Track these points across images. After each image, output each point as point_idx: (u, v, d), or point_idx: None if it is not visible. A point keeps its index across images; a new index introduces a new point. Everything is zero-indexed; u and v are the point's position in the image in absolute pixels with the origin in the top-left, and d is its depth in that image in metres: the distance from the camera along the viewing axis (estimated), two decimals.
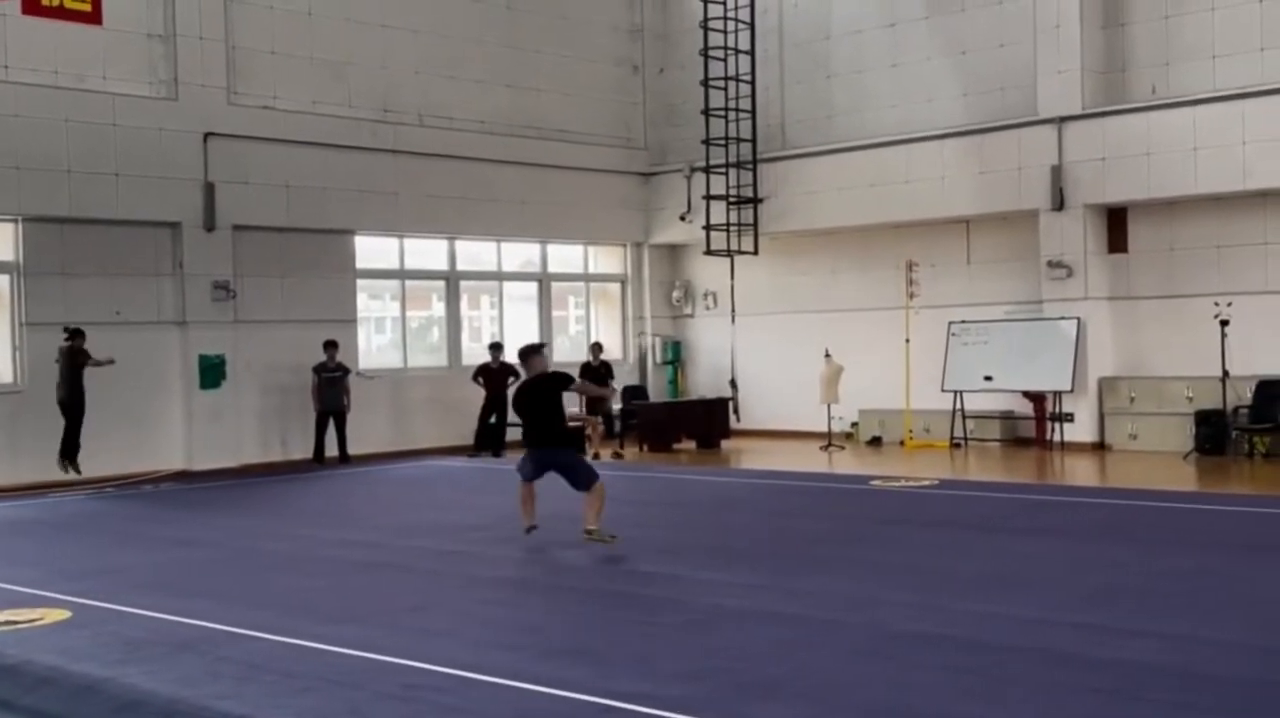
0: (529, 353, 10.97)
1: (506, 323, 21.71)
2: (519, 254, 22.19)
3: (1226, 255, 17.16)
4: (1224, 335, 16.10)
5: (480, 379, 19.22)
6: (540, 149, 21.19)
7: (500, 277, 21.85)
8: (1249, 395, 16.28)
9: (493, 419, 19.28)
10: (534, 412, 10.69)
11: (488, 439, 19.29)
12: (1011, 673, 6.38)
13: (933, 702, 5.94)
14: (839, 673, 6.47)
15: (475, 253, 21.46)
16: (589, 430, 19.01)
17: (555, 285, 22.58)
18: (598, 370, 19.13)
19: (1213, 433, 16.44)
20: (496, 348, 19.56)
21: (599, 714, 5.89)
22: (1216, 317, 16.15)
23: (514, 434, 19.75)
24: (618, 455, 18.86)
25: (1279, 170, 15.94)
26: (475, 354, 20.44)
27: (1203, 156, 16.52)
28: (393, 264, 20.30)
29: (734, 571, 9.45)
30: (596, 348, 19.90)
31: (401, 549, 10.85)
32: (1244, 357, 16.38)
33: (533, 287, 22.25)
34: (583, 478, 10.55)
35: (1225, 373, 16.18)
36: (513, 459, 18.47)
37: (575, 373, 19.27)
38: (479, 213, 20.53)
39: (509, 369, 19.24)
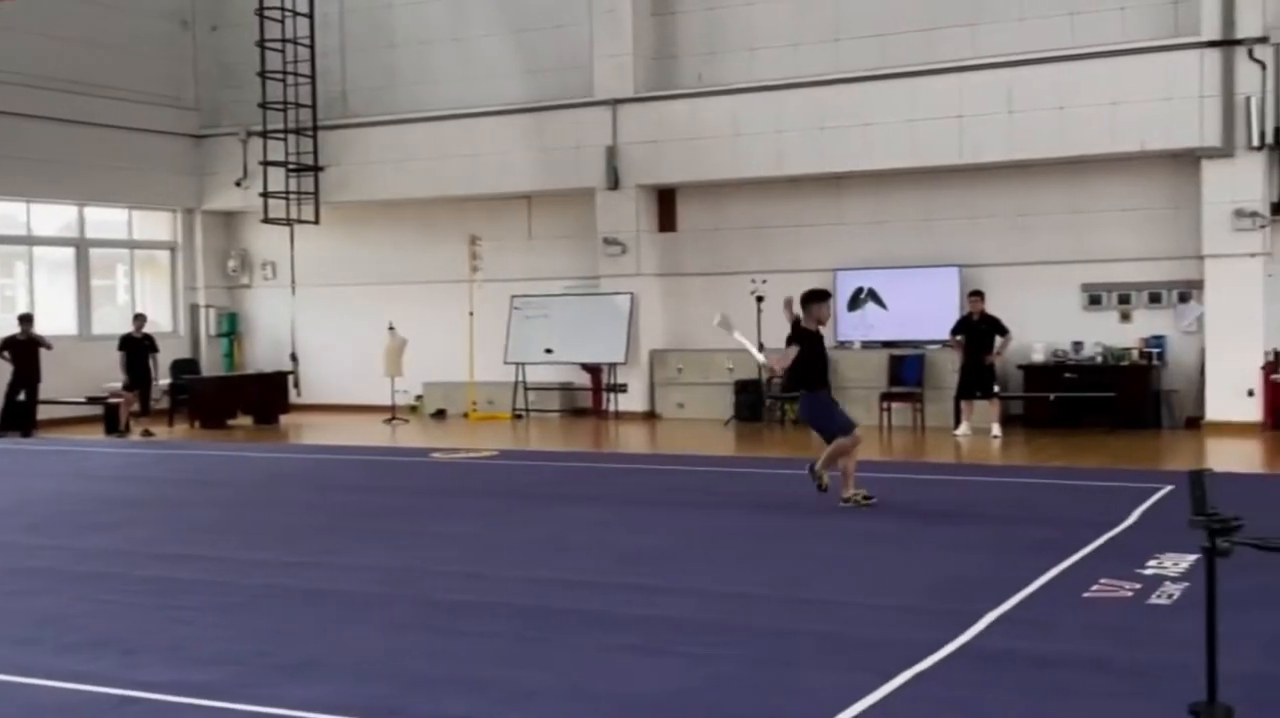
0: (815, 297, 10.83)
1: (39, 292, 19.99)
2: (55, 217, 20.46)
3: (764, 236, 18.40)
4: (759, 310, 17.27)
5: (7, 354, 17.66)
6: (78, 104, 19.56)
7: (31, 241, 20.07)
8: None
9: (21, 396, 17.74)
10: (819, 353, 10.63)
11: (16, 418, 17.75)
12: (549, 636, 6.52)
13: (468, 669, 5.98)
14: (378, 647, 6.38)
15: (3, 214, 19.58)
16: (123, 406, 17.90)
17: (95, 252, 21.00)
18: (141, 343, 17.98)
19: (750, 401, 17.67)
20: (26, 319, 18.02)
21: (116, 707, 5.51)
22: (753, 293, 17.31)
23: (45, 413, 18.39)
24: (148, 434, 17.76)
25: (809, 158, 17.26)
26: (5, 326, 18.67)
27: (743, 143, 17.61)
28: None
29: (283, 549, 9.15)
30: (139, 319, 18.57)
31: None
32: (778, 330, 17.59)
33: (69, 253, 20.59)
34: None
35: (760, 345, 17.32)
36: (47, 441, 17.32)
37: (115, 345, 18.12)
38: (5, 171, 18.73)
39: (38, 342, 17.81)
